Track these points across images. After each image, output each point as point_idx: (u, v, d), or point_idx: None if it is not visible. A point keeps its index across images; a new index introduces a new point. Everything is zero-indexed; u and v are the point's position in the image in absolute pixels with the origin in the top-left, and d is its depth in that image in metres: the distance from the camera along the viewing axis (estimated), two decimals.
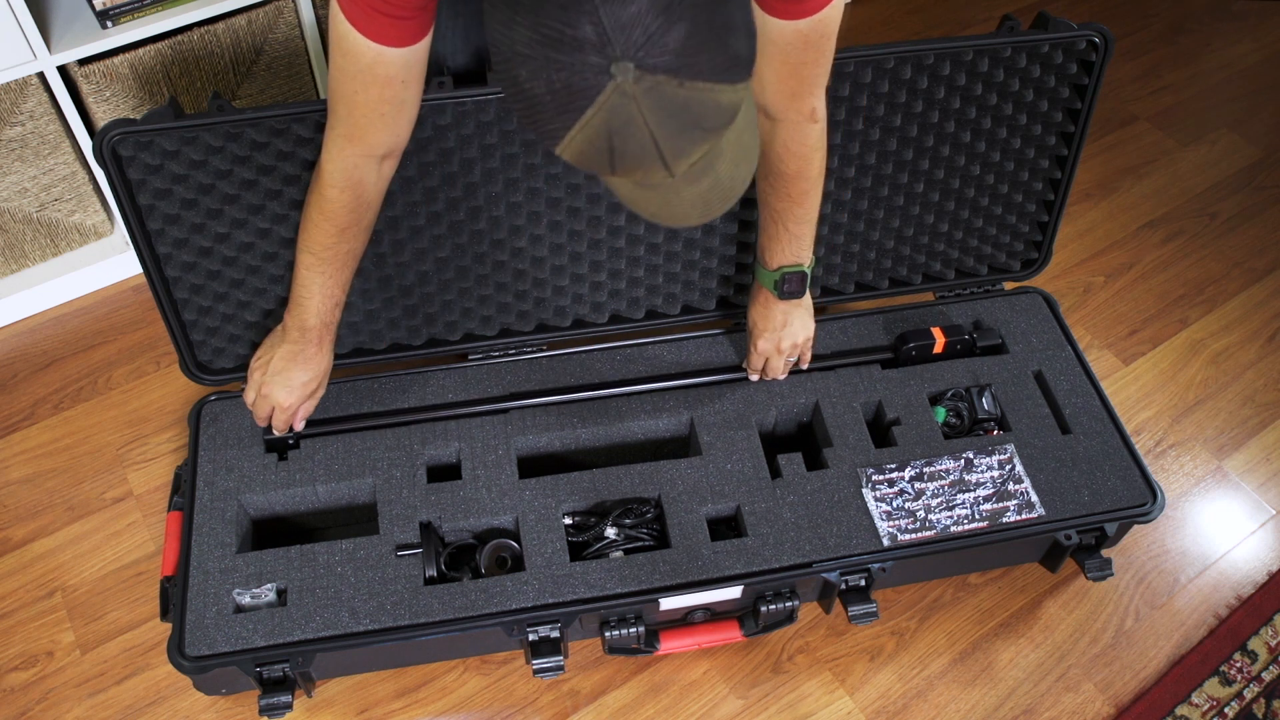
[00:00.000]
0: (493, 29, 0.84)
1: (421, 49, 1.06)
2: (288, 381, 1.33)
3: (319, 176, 1.17)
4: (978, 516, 1.38)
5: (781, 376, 1.49)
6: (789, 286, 1.37)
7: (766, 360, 1.46)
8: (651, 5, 0.78)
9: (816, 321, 1.58)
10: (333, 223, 1.19)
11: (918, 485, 1.41)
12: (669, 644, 1.34)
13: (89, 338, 1.75)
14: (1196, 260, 1.91)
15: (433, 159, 1.32)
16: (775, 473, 1.41)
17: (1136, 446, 1.45)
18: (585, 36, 0.78)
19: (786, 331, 1.42)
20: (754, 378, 1.49)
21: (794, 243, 1.33)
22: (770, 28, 1.10)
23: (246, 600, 1.29)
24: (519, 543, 1.34)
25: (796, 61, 1.14)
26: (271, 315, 1.43)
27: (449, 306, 1.48)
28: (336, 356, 1.49)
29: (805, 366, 1.50)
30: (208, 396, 1.47)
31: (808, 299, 1.42)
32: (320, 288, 1.24)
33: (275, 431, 1.38)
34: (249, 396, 1.36)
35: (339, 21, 1.01)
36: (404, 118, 1.13)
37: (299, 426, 1.39)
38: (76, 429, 1.63)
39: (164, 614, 1.32)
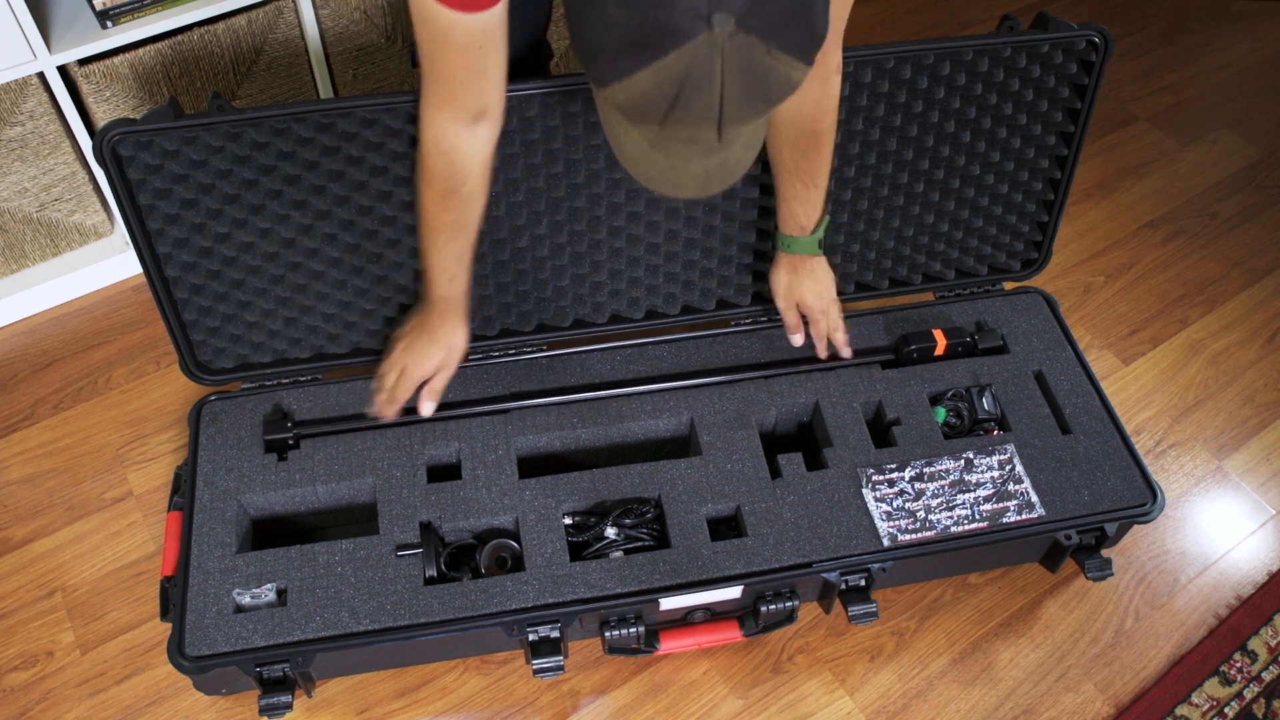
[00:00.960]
0: None
1: (498, 14, 1.05)
2: (412, 349, 1.35)
3: (419, 147, 1.19)
4: (978, 517, 1.38)
5: (842, 327, 1.47)
6: (830, 239, 1.39)
7: (822, 317, 1.45)
8: None
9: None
10: (434, 189, 1.20)
11: (918, 485, 1.41)
12: (669, 644, 1.34)
13: (89, 338, 1.75)
14: (1196, 260, 1.91)
15: None
16: (775, 473, 1.41)
17: (1136, 446, 1.45)
18: None
19: (827, 278, 1.44)
20: (799, 339, 1.49)
21: (820, 196, 1.35)
22: None
23: (246, 600, 1.29)
24: (519, 543, 1.34)
25: None
26: (271, 315, 1.43)
27: None
28: (337, 356, 1.49)
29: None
30: (208, 396, 1.47)
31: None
32: (436, 258, 1.26)
33: (390, 409, 1.37)
34: (385, 366, 1.37)
35: None
36: (488, 82, 1.12)
37: (427, 407, 1.38)
38: (76, 429, 1.63)
39: (164, 614, 1.32)
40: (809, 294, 1.44)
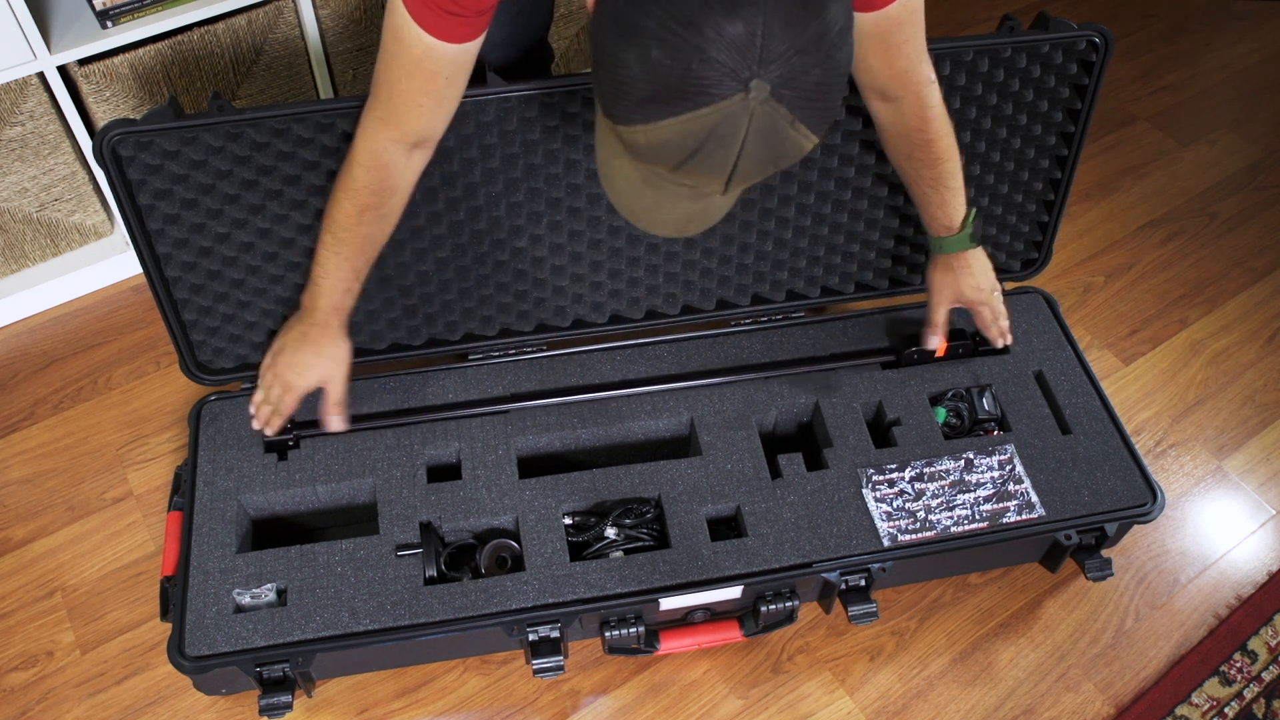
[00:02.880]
0: None
1: (473, 49, 1.07)
2: (294, 362, 1.33)
3: (349, 154, 1.19)
4: (978, 517, 1.38)
5: (1004, 314, 1.47)
6: (980, 232, 1.40)
7: (984, 308, 1.45)
8: (807, 42, 0.81)
9: (817, 323, 1.59)
10: (354, 201, 1.19)
11: (918, 485, 1.41)
12: (669, 644, 1.34)
13: (89, 338, 1.75)
14: (1196, 260, 1.91)
15: (433, 159, 1.32)
16: (775, 473, 1.41)
17: (1136, 446, 1.45)
18: (740, 41, 0.80)
19: (984, 268, 1.43)
20: (937, 342, 1.49)
21: (955, 195, 1.35)
22: (864, 23, 1.13)
23: (246, 600, 1.29)
24: (519, 543, 1.34)
25: (897, 42, 1.17)
26: (271, 315, 1.43)
27: (449, 306, 1.48)
28: None
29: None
30: (208, 396, 1.47)
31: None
32: (335, 269, 1.25)
33: (276, 420, 1.35)
34: (268, 378, 1.35)
35: (397, 10, 1.02)
36: (443, 112, 1.15)
37: (334, 423, 1.35)
38: (76, 429, 1.63)
39: (164, 614, 1.32)
40: (967, 288, 1.43)
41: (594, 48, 0.88)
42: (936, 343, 1.49)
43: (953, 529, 1.37)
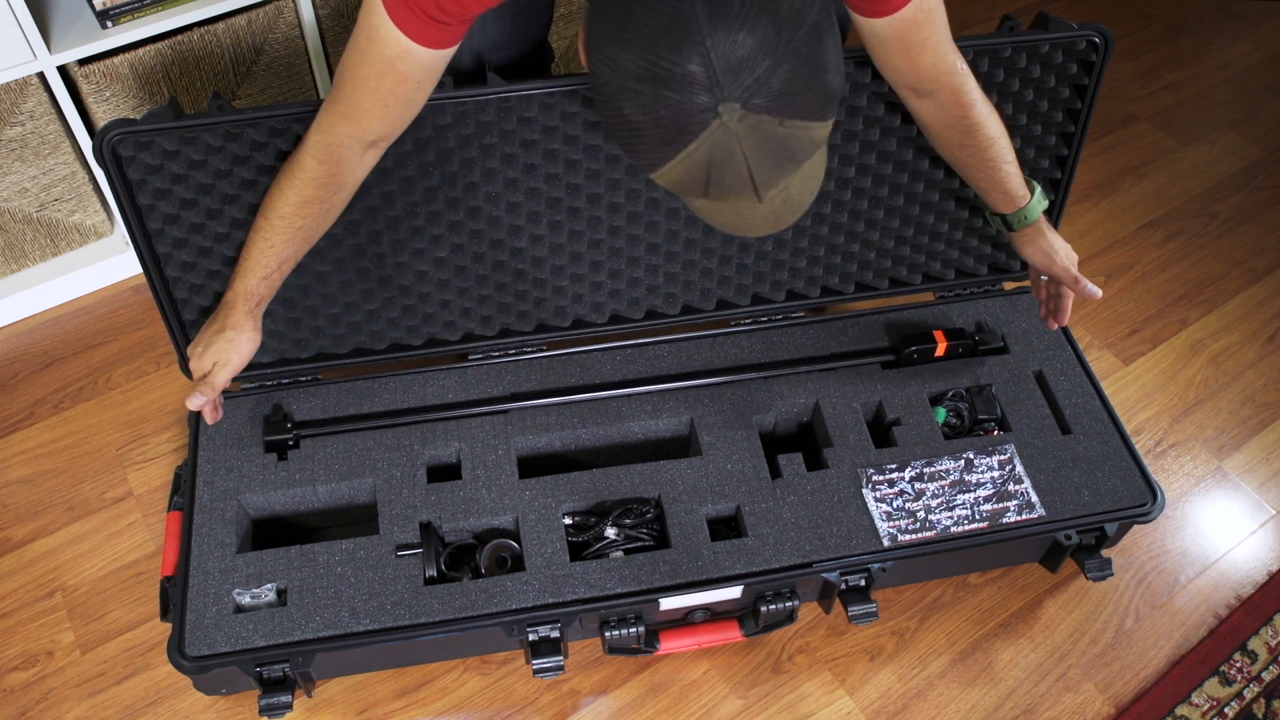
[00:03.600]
0: (598, 60, 0.89)
1: (446, 56, 1.07)
2: (197, 340, 1.28)
3: (301, 144, 1.17)
4: (978, 517, 1.38)
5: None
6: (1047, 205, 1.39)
7: (1076, 282, 1.38)
8: (760, 47, 0.83)
9: (817, 323, 1.59)
10: (298, 192, 1.17)
11: (918, 485, 1.41)
12: (669, 644, 1.34)
13: (89, 338, 1.75)
14: (1196, 260, 1.91)
15: (432, 159, 1.32)
16: (775, 473, 1.41)
17: (1136, 446, 1.45)
18: (694, 76, 0.83)
19: (1062, 242, 1.40)
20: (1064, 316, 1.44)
21: (1015, 167, 1.34)
22: (880, 27, 1.14)
23: (246, 600, 1.29)
24: (519, 543, 1.34)
25: (919, 40, 1.17)
26: (272, 315, 1.43)
27: (448, 306, 1.48)
28: (337, 356, 1.49)
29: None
30: None
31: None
32: (259, 253, 1.21)
33: (197, 399, 1.24)
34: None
35: (375, 9, 1.02)
36: (407, 115, 1.14)
37: (193, 399, 1.24)
38: (76, 429, 1.63)
39: (164, 614, 1.32)
40: (1061, 251, 1.39)
41: (598, 113, 0.93)
42: (1062, 321, 1.45)
43: (953, 529, 1.37)
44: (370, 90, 1.09)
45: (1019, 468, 1.43)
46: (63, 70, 1.54)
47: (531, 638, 1.27)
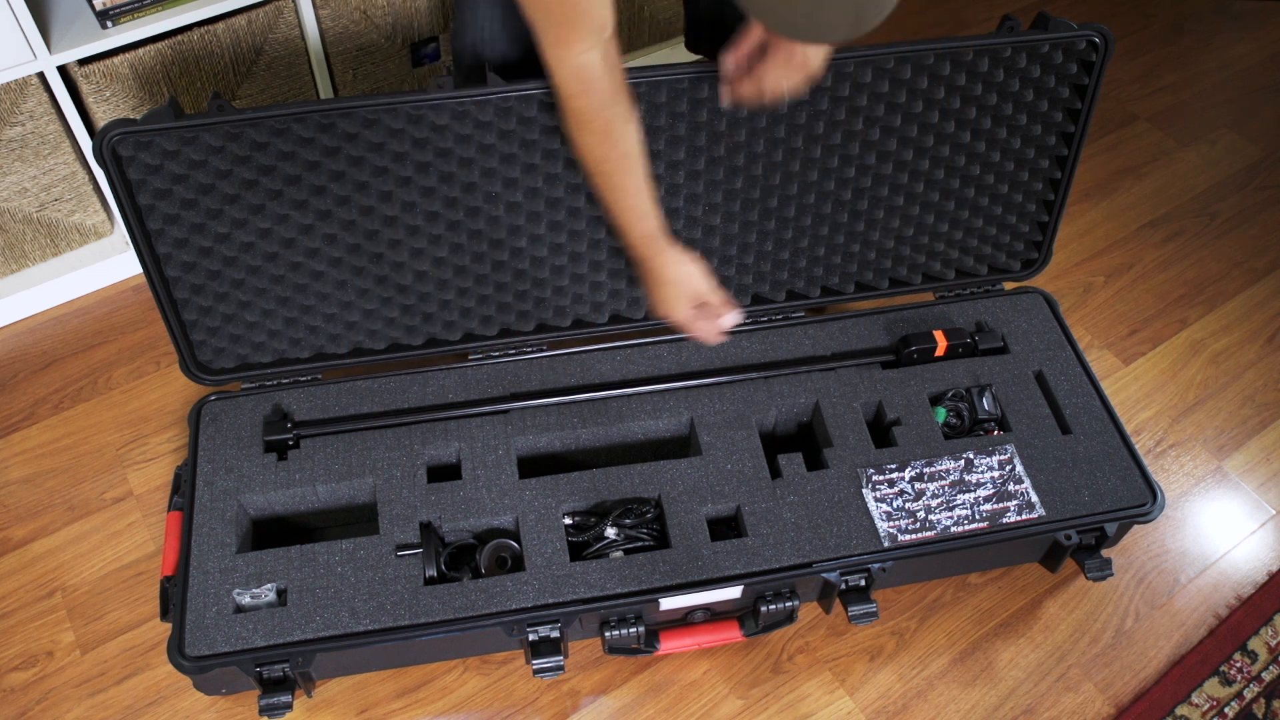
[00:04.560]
0: None
1: None
2: (657, 301, 1.33)
3: (557, 94, 1.16)
4: (978, 517, 1.38)
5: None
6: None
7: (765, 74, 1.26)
8: None
9: (817, 323, 1.58)
10: (591, 130, 1.18)
11: (918, 485, 1.41)
12: (669, 644, 1.34)
13: (89, 338, 1.75)
14: (1196, 260, 1.91)
15: (431, 158, 1.32)
16: (775, 473, 1.41)
17: (1136, 446, 1.45)
18: None
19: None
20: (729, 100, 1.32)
21: None
22: None
23: (246, 600, 1.29)
24: (519, 543, 1.34)
25: None
26: (271, 315, 1.43)
27: (448, 306, 1.48)
28: (337, 356, 1.49)
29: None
30: (208, 396, 1.47)
31: None
32: (623, 200, 1.23)
33: (718, 325, 1.34)
34: (691, 325, 1.34)
35: None
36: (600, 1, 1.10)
37: (728, 319, 1.34)
38: (76, 429, 1.63)
39: (164, 614, 1.32)
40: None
41: None
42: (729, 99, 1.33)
43: (953, 529, 1.37)
44: (556, 4, 1.07)
45: (1019, 468, 1.43)
46: (63, 70, 1.54)
47: (531, 638, 1.27)
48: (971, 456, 1.43)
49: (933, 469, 1.42)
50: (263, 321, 1.44)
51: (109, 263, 1.79)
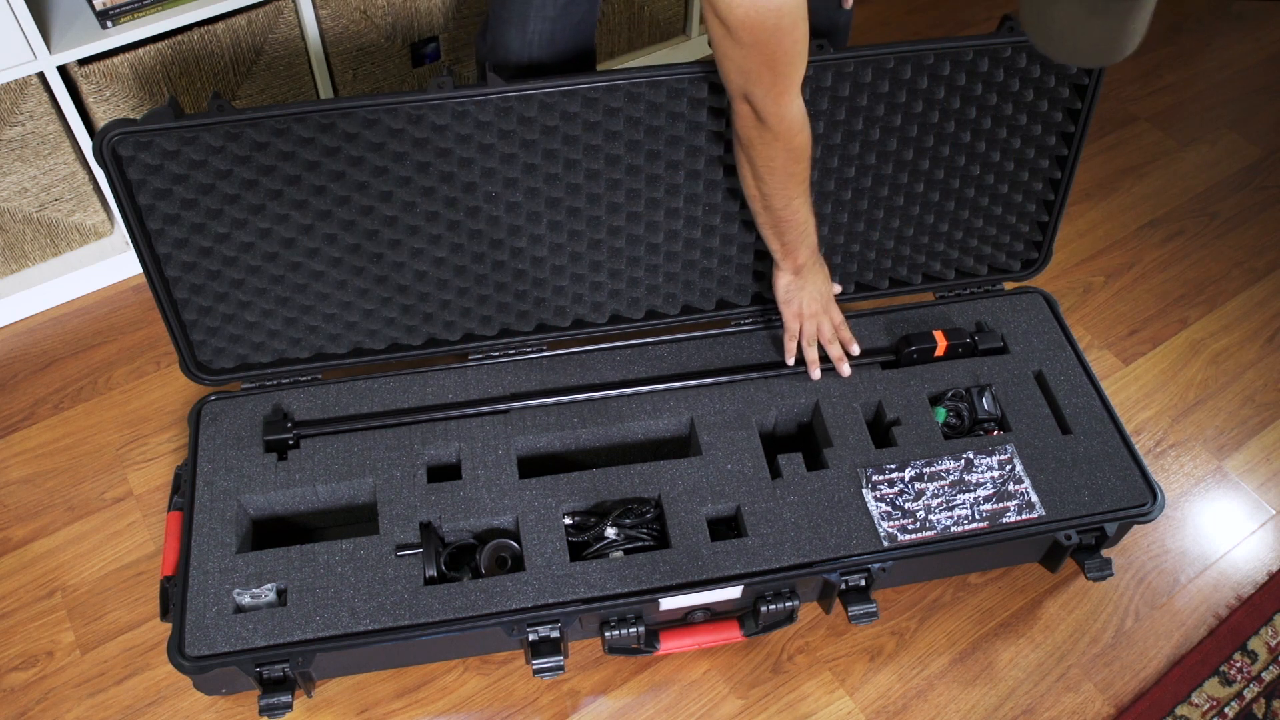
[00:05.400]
0: None
1: None
2: (816, 300, 1.46)
3: (787, 134, 1.23)
4: (978, 517, 1.38)
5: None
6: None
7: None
8: None
9: None
10: (803, 162, 1.29)
11: (918, 485, 1.41)
12: (669, 644, 1.34)
13: (89, 338, 1.75)
14: (1196, 260, 1.91)
15: (430, 158, 1.32)
16: (775, 473, 1.41)
17: (1136, 446, 1.45)
18: None
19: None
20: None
21: None
22: None
23: (246, 600, 1.29)
24: (519, 543, 1.34)
25: None
26: (271, 315, 1.43)
27: (447, 306, 1.48)
28: (337, 356, 1.49)
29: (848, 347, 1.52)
30: (208, 396, 1.47)
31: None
32: (810, 214, 1.37)
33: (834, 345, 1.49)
34: (814, 333, 1.49)
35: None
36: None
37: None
38: (76, 429, 1.63)
39: (164, 614, 1.32)
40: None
41: None
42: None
43: (953, 529, 1.37)
44: (792, 53, 1.15)
45: (1019, 468, 1.43)
46: (63, 70, 1.54)
47: (531, 638, 1.27)
48: (971, 456, 1.43)
49: (933, 469, 1.42)
50: (263, 321, 1.44)
51: (109, 263, 1.80)
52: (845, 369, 1.49)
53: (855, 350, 1.50)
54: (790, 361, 1.50)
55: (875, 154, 1.45)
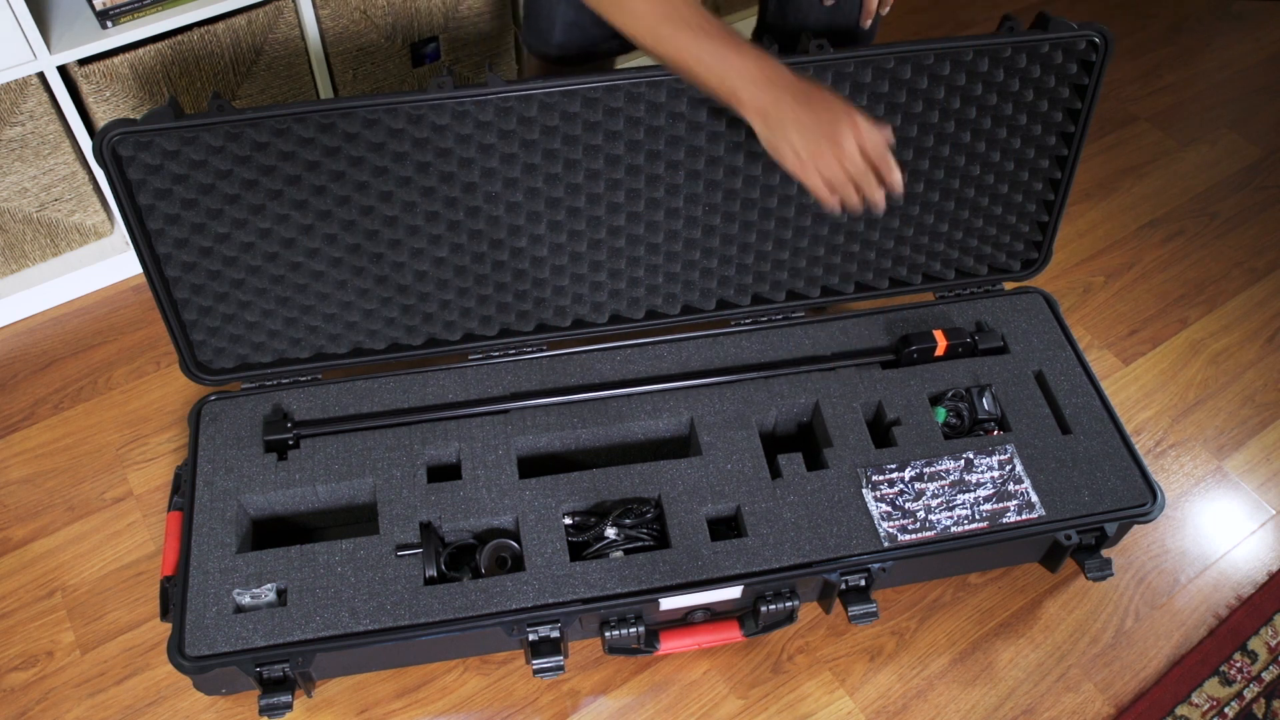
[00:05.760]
0: None
1: None
2: (819, 128, 1.14)
3: None
4: (978, 517, 1.38)
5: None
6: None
7: None
8: None
9: (817, 322, 1.58)
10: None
11: (918, 485, 1.41)
12: (669, 644, 1.34)
13: (89, 338, 1.75)
14: (1196, 260, 1.91)
15: (430, 158, 1.32)
16: (775, 473, 1.41)
17: (1136, 446, 1.45)
18: None
19: None
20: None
21: None
22: None
23: (246, 600, 1.29)
24: (519, 543, 1.34)
25: None
26: (271, 315, 1.43)
27: (448, 306, 1.48)
28: (336, 356, 1.49)
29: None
30: (208, 396, 1.47)
31: None
32: (717, 43, 1.12)
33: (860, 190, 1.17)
34: (832, 179, 1.16)
35: None
36: None
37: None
38: (76, 429, 1.63)
39: (164, 614, 1.32)
40: None
41: None
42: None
43: (953, 529, 1.37)
44: None
45: (1019, 468, 1.43)
46: (63, 70, 1.54)
47: (531, 638, 1.27)
48: (971, 456, 1.43)
49: (933, 469, 1.42)
50: (263, 321, 1.44)
51: (109, 263, 1.80)
52: (878, 201, 1.18)
53: (894, 179, 1.16)
54: (832, 210, 1.21)
55: None
